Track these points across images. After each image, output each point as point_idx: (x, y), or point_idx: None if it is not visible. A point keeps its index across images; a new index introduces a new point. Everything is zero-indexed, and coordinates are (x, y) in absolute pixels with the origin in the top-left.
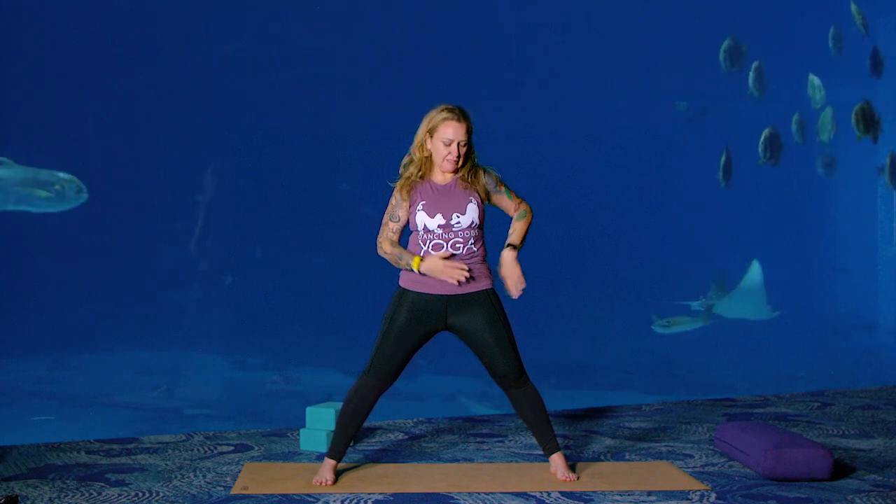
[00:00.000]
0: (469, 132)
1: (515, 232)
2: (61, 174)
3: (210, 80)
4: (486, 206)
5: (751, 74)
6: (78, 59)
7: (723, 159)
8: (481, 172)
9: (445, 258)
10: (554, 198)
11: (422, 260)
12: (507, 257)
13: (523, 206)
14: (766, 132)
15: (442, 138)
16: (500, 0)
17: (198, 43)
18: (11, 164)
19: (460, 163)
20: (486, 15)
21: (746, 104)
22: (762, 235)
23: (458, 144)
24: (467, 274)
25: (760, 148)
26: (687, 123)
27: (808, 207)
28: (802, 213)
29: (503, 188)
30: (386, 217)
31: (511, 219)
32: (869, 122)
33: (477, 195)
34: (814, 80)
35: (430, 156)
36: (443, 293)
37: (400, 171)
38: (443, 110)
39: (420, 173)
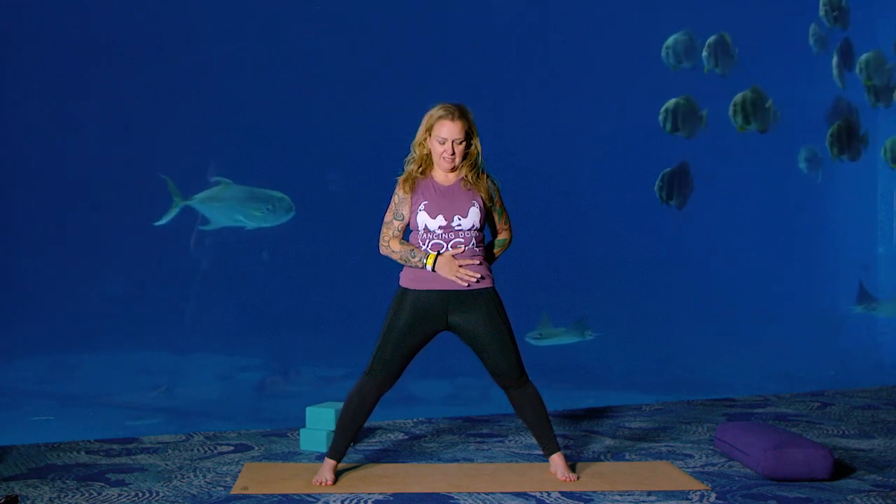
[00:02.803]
0: (466, 131)
1: (488, 253)
2: (274, 193)
3: (210, 80)
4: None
5: (705, 49)
6: (78, 59)
7: (667, 171)
8: (486, 178)
9: (455, 255)
10: (554, 197)
11: (437, 256)
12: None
13: (505, 235)
14: (671, 101)
15: (437, 137)
16: (500, 0)
17: (198, 43)
18: (231, 183)
19: (457, 161)
20: (486, 15)
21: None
22: (763, 234)
23: (453, 143)
24: (477, 275)
25: (661, 118)
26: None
27: (807, 206)
28: (801, 212)
29: (498, 206)
30: (389, 215)
31: (489, 233)
32: (753, 111)
33: (480, 199)
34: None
35: (430, 153)
36: (444, 289)
37: (403, 168)
38: (439, 108)
39: (420, 169)
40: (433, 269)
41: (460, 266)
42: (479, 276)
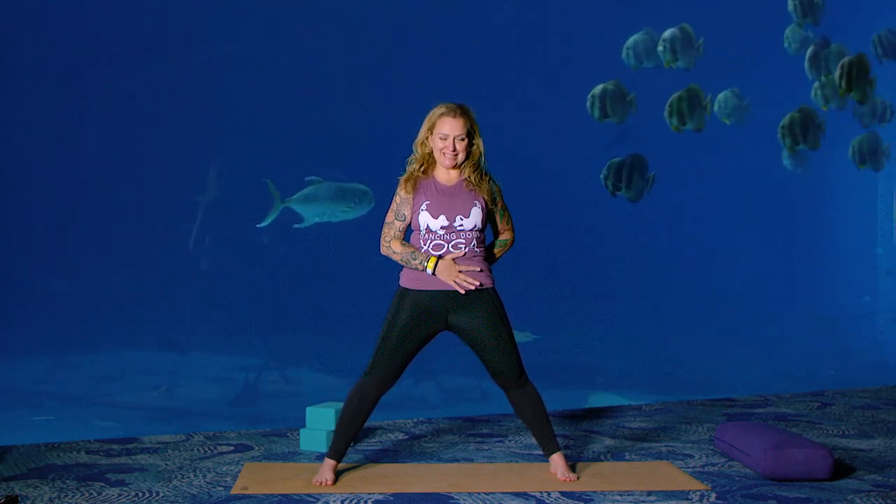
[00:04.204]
0: (468, 129)
1: (489, 253)
2: (359, 186)
3: (210, 80)
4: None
5: (660, 44)
6: (78, 59)
7: (614, 161)
8: (488, 179)
9: (456, 258)
10: (554, 197)
11: (438, 260)
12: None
13: (507, 235)
14: (598, 87)
15: (439, 133)
16: (500, 0)
17: (198, 43)
18: (321, 181)
19: (459, 159)
20: (486, 15)
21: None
22: (763, 234)
23: (455, 139)
24: (476, 283)
25: (588, 104)
26: (609, 146)
27: (807, 206)
28: (801, 212)
29: (500, 207)
30: (390, 215)
31: (491, 234)
32: (689, 111)
33: (482, 200)
34: None
35: (432, 152)
36: (444, 289)
37: (405, 168)
38: (441, 106)
39: (422, 168)
40: (433, 273)
41: (460, 271)
42: (478, 283)
